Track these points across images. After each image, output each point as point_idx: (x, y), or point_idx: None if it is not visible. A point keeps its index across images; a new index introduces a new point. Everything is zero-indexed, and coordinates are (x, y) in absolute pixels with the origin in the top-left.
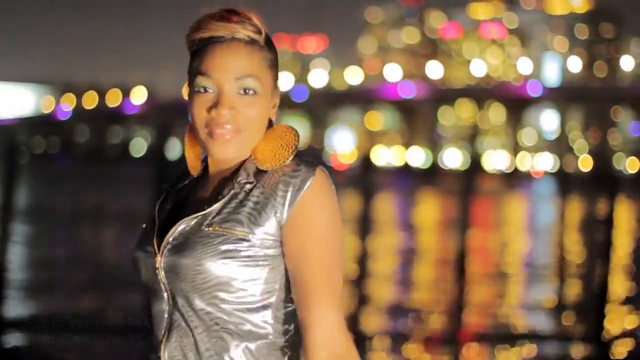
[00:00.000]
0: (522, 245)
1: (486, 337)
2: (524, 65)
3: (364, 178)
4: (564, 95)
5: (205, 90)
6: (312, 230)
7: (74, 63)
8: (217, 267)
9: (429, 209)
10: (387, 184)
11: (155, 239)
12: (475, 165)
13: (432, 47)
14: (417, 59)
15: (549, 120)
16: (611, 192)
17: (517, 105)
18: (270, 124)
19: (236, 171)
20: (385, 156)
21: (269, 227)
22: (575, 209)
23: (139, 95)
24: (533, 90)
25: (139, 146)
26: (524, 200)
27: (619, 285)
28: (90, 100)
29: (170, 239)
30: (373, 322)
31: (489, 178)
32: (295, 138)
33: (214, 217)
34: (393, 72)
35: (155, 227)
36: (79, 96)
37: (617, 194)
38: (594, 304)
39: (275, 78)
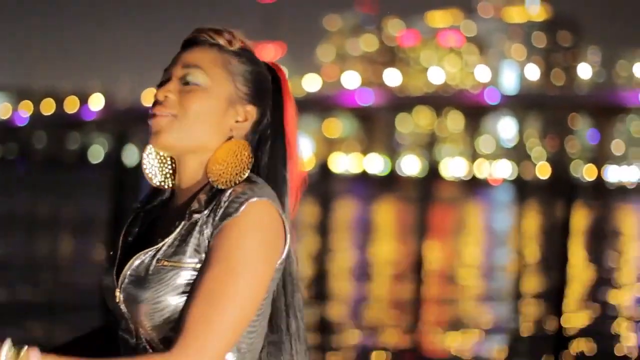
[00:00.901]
0: (480, 252)
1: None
2: (482, 73)
3: (322, 185)
4: (522, 103)
5: (162, 82)
6: (224, 252)
7: (31, 69)
8: (173, 302)
9: (387, 216)
10: (345, 191)
11: (115, 271)
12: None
13: (390, 55)
14: (375, 66)
15: (506, 127)
16: (568, 199)
17: (475, 112)
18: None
19: (194, 196)
20: (343, 163)
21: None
22: (533, 216)
23: (96, 102)
24: (491, 98)
25: (97, 152)
26: (482, 207)
27: (574, 291)
28: (48, 107)
29: (127, 274)
30: (331, 332)
31: (447, 185)
32: (248, 153)
33: (165, 251)
34: (351, 80)
35: (117, 256)
36: (36, 102)
37: (574, 201)
38: (550, 309)
39: (243, 90)
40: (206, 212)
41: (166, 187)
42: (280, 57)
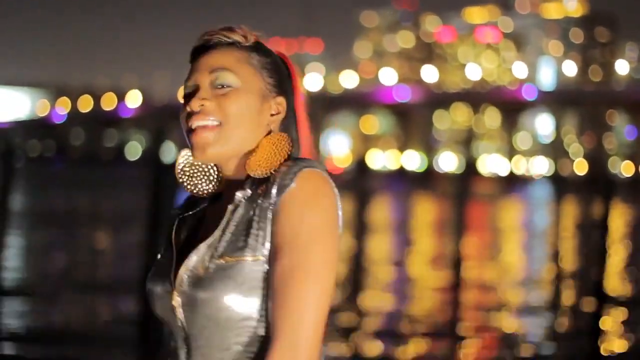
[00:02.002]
0: (518, 248)
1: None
2: (519, 69)
3: (359, 182)
4: (559, 99)
5: (189, 90)
6: (287, 234)
7: (68, 67)
8: (239, 301)
9: (425, 213)
10: (383, 188)
11: (172, 273)
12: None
13: (427, 51)
14: (412, 63)
15: (544, 124)
16: (606, 195)
17: (512, 109)
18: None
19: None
20: (381, 160)
21: (267, 238)
22: (571, 213)
23: (133, 99)
24: (528, 94)
25: (134, 149)
26: (519, 204)
27: (614, 289)
28: (85, 104)
29: (185, 275)
30: (367, 327)
31: (485, 182)
32: (288, 144)
33: (225, 246)
34: (388, 76)
35: (174, 259)
36: (74, 100)
37: (612, 198)
38: (590, 308)
39: (270, 82)
40: (259, 199)
41: (208, 192)
42: (318, 53)
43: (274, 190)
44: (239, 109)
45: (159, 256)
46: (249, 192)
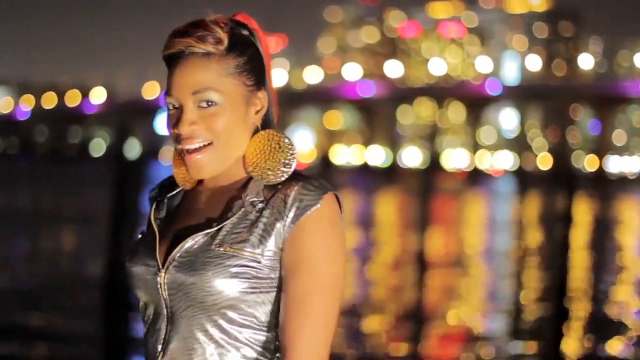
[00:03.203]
0: (482, 242)
1: (446, 337)
2: (483, 64)
3: (323, 177)
4: (523, 94)
5: (173, 108)
6: (306, 253)
7: (32, 63)
8: (228, 288)
9: (389, 208)
10: (347, 183)
11: (158, 254)
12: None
13: (391, 46)
14: (377, 58)
15: (508, 118)
16: (570, 189)
17: (477, 104)
18: (257, 131)
19: (241, 187)
20: (345, 155)
21: (276, 247)
22: (534, 207)
23: (97, 96)
24: (492, 89)
25: (98, 146)
26: (483, 198)
27: (577, 281)
28: (49, 101)
29: (177, 256)
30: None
31: (448, 177)
32: (289, 146)
33: (224, 237)
34: (352, 72)
35: (157, 240)
36: (37, 96)
37: (575, 192)
38: (552, 300)
39: (250, 83)
40: (270, 207)
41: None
42: (282, 49)
43: (292, 207)
44: (227, 125)
45: (139, 236)
46: (262, 197)
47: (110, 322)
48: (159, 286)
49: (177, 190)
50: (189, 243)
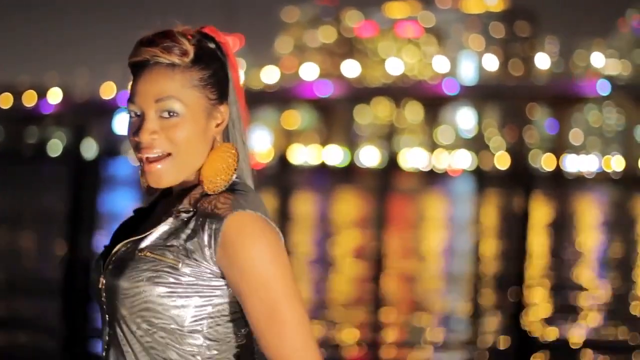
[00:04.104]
0: (440, 242)
1: (402, 342)
2: (440, 64)
3: (280, 177)
4: (480, 93)
5: (135, 115)
6: (243, 271)
7: None
8: (145, 292)
9: (347, 208)
10: (305, 183)
11: (102, 260)
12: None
13: (348, 46)
14: (334, 58)
15: (465, 118)
16: (527, 188)
17: (434, 103)
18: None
19: (185, 194)
20: (302, 155)
21: (199, 258)
22: (492, 206)
23: (54, 96)
24: (449, 89)
25: (55, 146)
26: (442, 198)
27: (533, 280)
28: (6, 101)
29: (112, 260)
30: None
31: (406, 176)
32: (234, 159)
33: (148, 243)
34: (309, 71)
35: (112, 248)
36: None
37: (533, 191)
38: (510, 299)
39: (213, 97)
40: (194, 215)
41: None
42: (239, 49)
43: (208, 219)
44: (187, 137)
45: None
46: (191, 208)
47: (69, 323)
48: (99, 291)
49: (150, 200)
50: (121, 249)
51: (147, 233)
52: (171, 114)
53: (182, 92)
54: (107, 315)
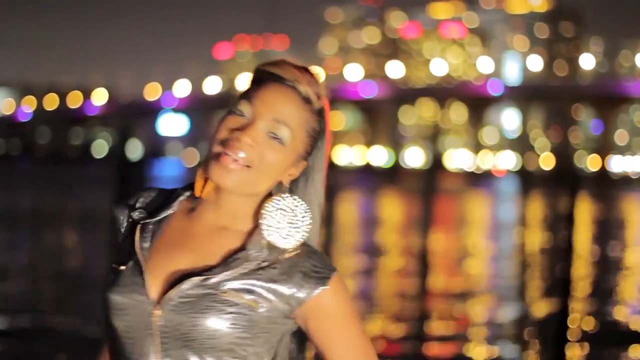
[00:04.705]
0: (485, 242)
1: (449, 338)
2: (485, 65)
3: (325, 178)
4: (525, 94)
5: (241, 114)
6: (336, 314)
7: (34, 65)
8: (228, 333)
9: (392, 209)
10: (349, 184)
11: (147, 287)
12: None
13: (392, 47)
14: (378, 58)
15: (510, 118)
16: (572, 189)
17: (478, 104)
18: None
19: (243, 234)
20: (347, 156)
21: (280, 305)
22: (537, 207)
23: (99, 97)
24: (494, 89)
25: (100, 147)
26: (486, 198)
27: (580, 281)
28: (51, 102)
29: (176, 297)
30: None
31: (451, 177)
32: (305, 210)
33: (224, 282)
34: (354, 72)
35: (144, 274)
36: (39, 98)
37: (578, 192)
38: (556, 300)
39: (308, 150)
40: (277, 267)
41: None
42: (284, 50)
43: (301, 274)
44: (275, 165)
45: (117, 264)
46: (265, 257)
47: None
48: (151, 324)
49: (167, 212)
50: (188, 285)
51: (218, 272)
52: (277, 138)
53: (297, 127)
54: (158, 348)
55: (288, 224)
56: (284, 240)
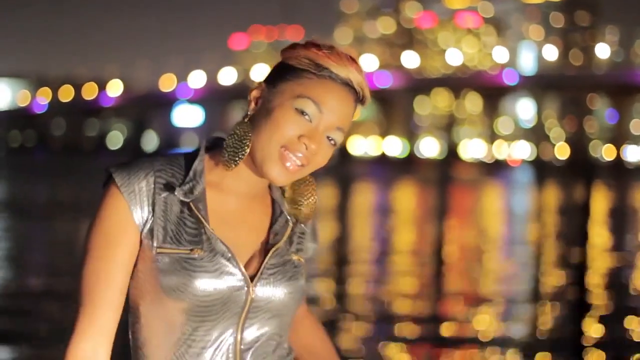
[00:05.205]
0: (500, 232)
1: (460, 336)
2: (500, 54)
3: (340, 168)
4: (540, 84)
5: (303, 114)
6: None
7: (49, 57)
8: (302, 295)
9: (407, 199)
10: (365, 174)
11: (241, 268)
12: (452, 154)
13: (407, 37)
14: (393, 48)
15: (525, 108)
16: (588, 179)
17: (493, 94)
18: None
19: (271, 203)
20: (362, 146)
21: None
22: (553, 197)
23: (114, 88)
24: (509, 79)
25: (116, 139)
26: (501, 188)
27: (595, 271)
28: (66, 94)
29: (267, 271)
30: (351, 315)
31: (466, 167)
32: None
33: (290, 246)
34: (369, 62)
35: (231, 254)
36: (54, 90)
37: (593, 181)
38: (571, 289)
39: None
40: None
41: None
42: (299, 40)
43: (310, 247)
44: (323, 163)
45: (186, 249)
46: (288, 216)
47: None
48: (245, 302)
49: (197, 188)
50: (271, 257)
51: (285, 239)
52: (333, 142)
53: (348, 126)
54: (238, 324)
55: (312, 208)
56: (306, 217)
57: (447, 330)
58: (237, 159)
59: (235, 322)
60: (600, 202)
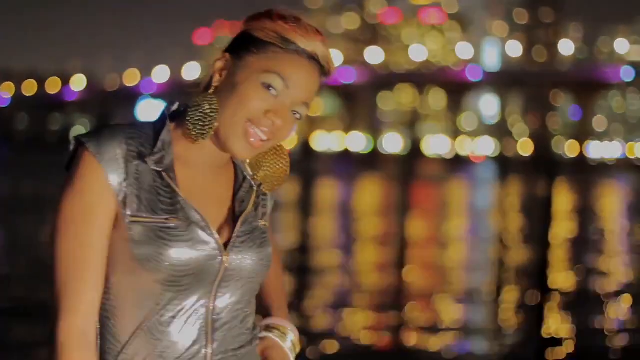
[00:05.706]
0: (462, 228)
1: (423, 327)
2: (464, 50)
3: (304, 164)
4: (504, 80)
5: (269, 89)
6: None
7: (11, 51)
8: (270, 261)
9: (370, 194)
10: (328, 170)
11: (215, 237)
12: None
13: (371, 33)
14: (357, 44)
15: (488, 104)
16: (550, 175)
17: (457, 90)
18: None
19: (234, 169)
20: (325, 142)
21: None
22: (516, 192)
23: (78, 83)
24: (473, 75)
25: (79, 133)
26: (465, 184)
27: (557, 266)
28: (30, 88)
29: (238, 239)
30: (315, 312)
31: (429, 163)
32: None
33: (254, 213)
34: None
35: (206, 223)
36: (17, 84)
37: (556, 177)
38: (532, 285)
39: None
40: (258, 188)
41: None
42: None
43: (270, 204)
44: (286, 135)
45: (161, 218)
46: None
47: None
48: (218, 270)
49: (168, 161)
50: (241, 225)
51: (250, 206)
52: (298, 116)
53: (313, 100)
54: (211, 293)
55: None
56: (272, 190)
57: (408, 318)
58: (204, 133)
59: (209, 290)
60: (562, 197)
